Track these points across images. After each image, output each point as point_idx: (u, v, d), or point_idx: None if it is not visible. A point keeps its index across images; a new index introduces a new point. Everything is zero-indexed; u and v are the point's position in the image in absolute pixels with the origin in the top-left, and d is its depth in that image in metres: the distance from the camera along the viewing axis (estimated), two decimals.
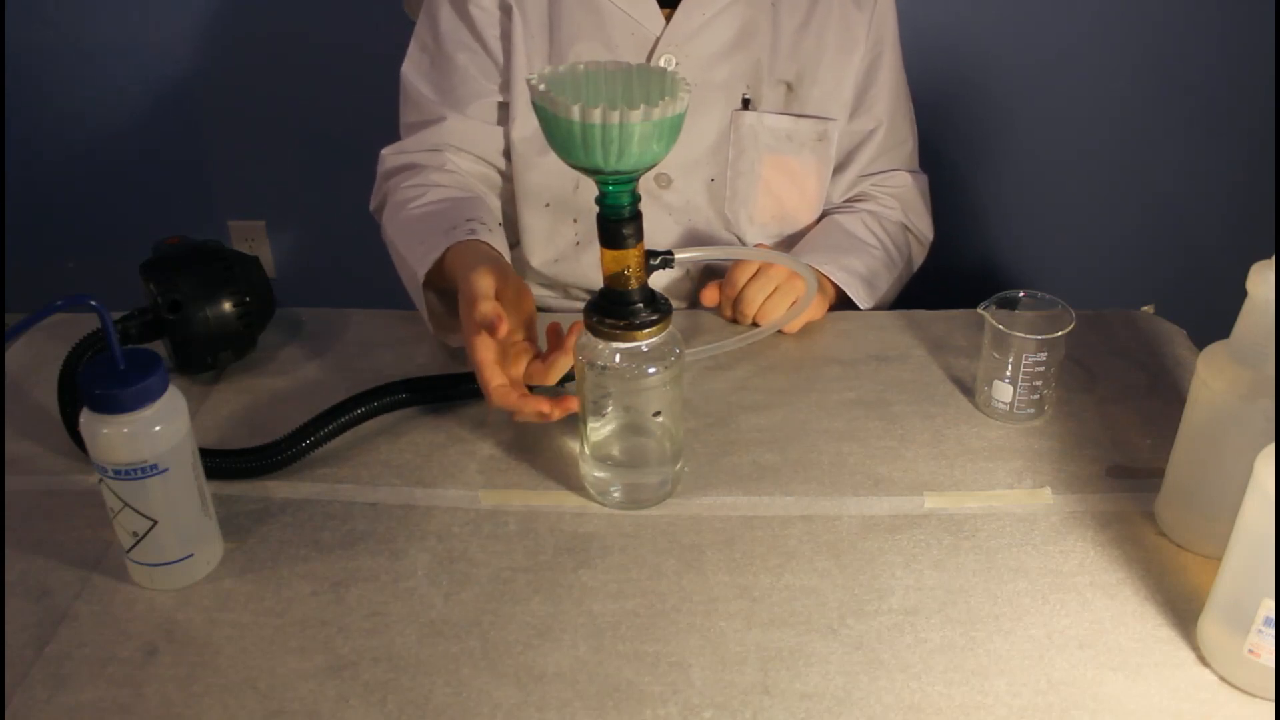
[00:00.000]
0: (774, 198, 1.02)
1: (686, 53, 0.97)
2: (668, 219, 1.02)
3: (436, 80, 1.02)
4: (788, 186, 1.02)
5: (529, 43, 0.98)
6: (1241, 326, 0.63)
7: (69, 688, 0.61)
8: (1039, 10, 1.76)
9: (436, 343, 0.92)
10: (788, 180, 1.02)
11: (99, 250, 2.14)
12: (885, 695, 0.60)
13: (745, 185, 1.01)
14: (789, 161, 1.01)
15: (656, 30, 0.97)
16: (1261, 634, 0.57)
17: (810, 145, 1.01)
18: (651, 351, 0.69)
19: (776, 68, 0.99)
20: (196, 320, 0.83)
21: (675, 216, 1.02)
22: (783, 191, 1.02)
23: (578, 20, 0.97)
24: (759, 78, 0.99)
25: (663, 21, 0.97)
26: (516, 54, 0.98)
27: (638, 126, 0.60)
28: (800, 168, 1.02)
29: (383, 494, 0.76)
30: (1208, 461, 0.66)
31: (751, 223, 1.03)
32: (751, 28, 0.97)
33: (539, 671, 0.62)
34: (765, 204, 1.02)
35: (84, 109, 2.01)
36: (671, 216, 1.02)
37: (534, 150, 1.00)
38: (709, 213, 1.02)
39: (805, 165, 1.02)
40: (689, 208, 1.02)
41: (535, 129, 0.98)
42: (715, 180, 1.01)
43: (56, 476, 0.78)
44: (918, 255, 1.10)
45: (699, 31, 0.97)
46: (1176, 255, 1.98)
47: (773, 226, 1.04)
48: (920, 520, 0.72)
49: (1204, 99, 1.83)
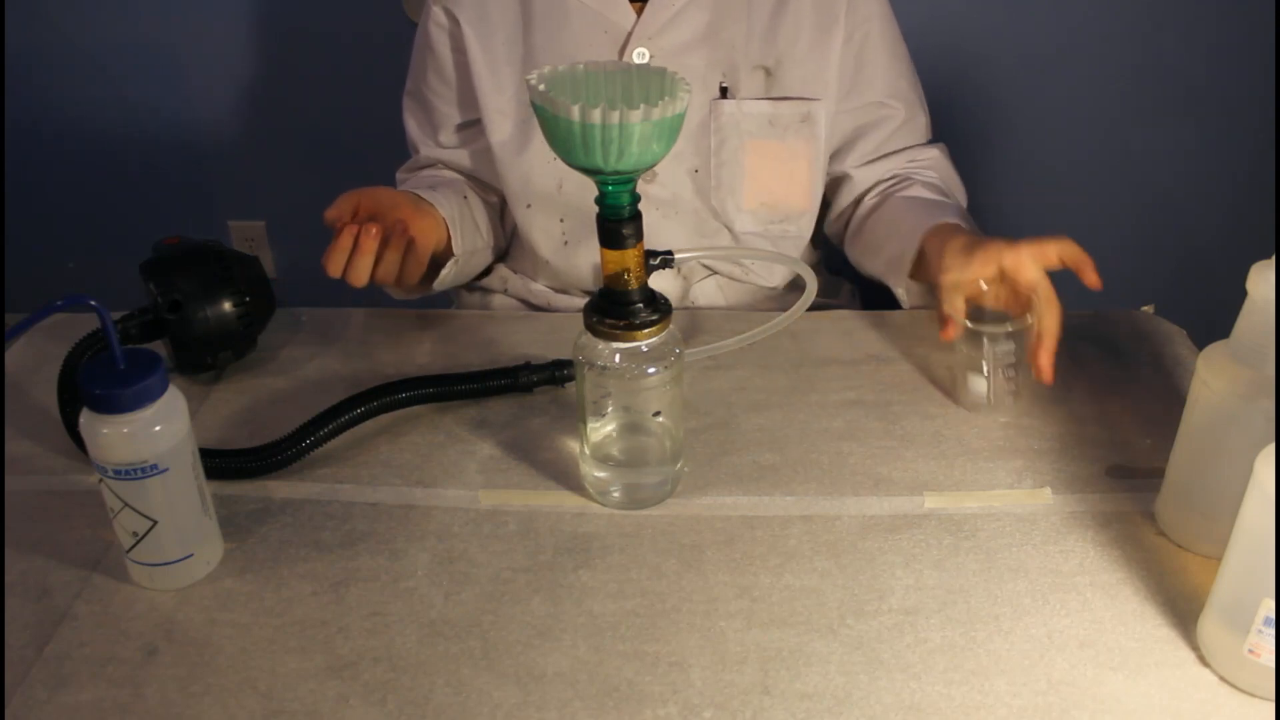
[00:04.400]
0: (761, 184, 1.02)
1: (659, 45, 0.97)
2: (654, 213, 1.02)
3: (415, 110, 1.08)
4: (775, 172, 1.02)
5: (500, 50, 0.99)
6: (1241, 326, 0.63)
7: (69, 688, 0.61)
8: (1039, 10, 1.76)
9: (436, 342, 0.92)
10: (774, 165, 1.01)
11: (99, 250, 2.14)
12: (885, 695, 0.60)
13: (730, 174, 1.01)
14: (773, 146, 1.01)
15: (628, 25, 0.97)
16: (1261, 634, 0.57)
17: (794, 128, 1.00)
18: (651, 351, 0.69)
19: (752, 54, 0.98)
20: (196, 320, 0.83)
21: (662, 210, 1.02)
22: (770, 177, 1.02)
23: (549, 23, 0.98)
24: (735, 65, 0.98)
25: (634, 16, 0.97)
26: (475, 64, 1.00)
27: (638, 126, 0.60)
28: (786, 152, 1.01)
29: (383, 494, 0.76)
30: (1208, 461, 0.66)
31: (740, 210, 1.03)
32: (723, 16, 0.97)
33: (539, 671, 0.62)
34: (753, 191, 1.02)
35: (84, 109, 2.01)
36: (659, 210, 1.02)
37: (510, 153, 1.01)
38: (696, 203, 1.02)
39: (792, 149, 1.01)
40: (675, 200, 1.02)
41: (510, 133, 1.00)
42: (699, 171, 1.01)
43: (56, 476, 0.78)
44: None
45: (671, 23, 0.97)
46: (1176, 255, 1.98)
47: (763, 213, 1.04)
48: (920, 520, 0.72)
49: (1204, 99, 1.83)
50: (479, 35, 0.99)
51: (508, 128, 1.00)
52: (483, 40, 0.99)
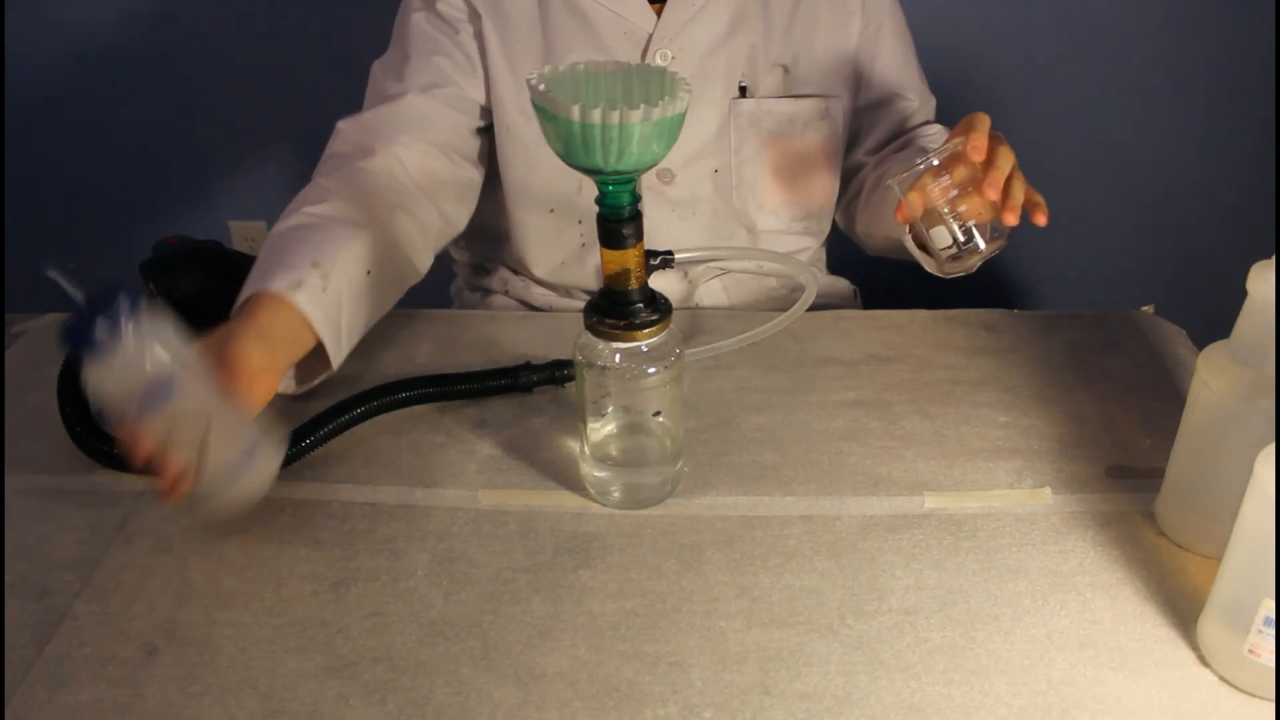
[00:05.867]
0: (782, 182, 1.02)
1: (680, 46, 0.97)
2: (670, 214, 1.02)
3: (403, 73, 0.97)
4: (796, 169, 1.02)
5: (518, 50, 0.97)
6: (1241, 326, 0.63)
7: (69, 688, 0.61)
8: (1039, 10, 1.76)
9: (436, 342, 0.92)
10: (795, 163, 1.01)
11: (99, 250, 2.14)
12: (885, 695, 0.60)
13: (751, 173, 1.01)
14: (793, 144, 1.01)
15: (649, 27, 0.97)
16: (1261, 634, 0.57)
17: (814, 125, 1.00)
18: (651, 351, 0.69)
19: (771, 52, 0.98)
20: (196, 320, 0.83)
21: (679, 212, 1.02)
22: (791, 175, 1.02)
23: (568, 27, 0.97)
24: (754, 64, 0.98)
25: (654, 18, 0.97)
26: (493, 58, 0.97)
27: (638, 126, 0.60)
28: (806, 149, 1.01)
29: (383, 494, 0.76)
30: (1208, 461, 0.66)
31: (762, 209, 1.03)
32: (743, 14, 0.97)
33: (539, 671, 0.62)
34: (774, 189, 1.02)
35: (84, 109, 2.01)
36: (676, 212, 1.02)
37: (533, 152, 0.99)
38: (716, 203, 1.02)
39: (810, 145, 1.01)
40: (693, 201, 1.02)
41: (537, 134, 0.98)
42: (720, 171, 1.01)
43: (56, 476, 0.78)
44: None
45: (691, 23, 0.97)
46: (1176, 255, 1.98)
47: (785, 211, 1.04)
48: (920, 520, 0.72)
49: (1204, 99, 1.83)
50: (498, 31, 0.97)
51: (534, 129, 0.99)
52: (502, 36, 0.97)
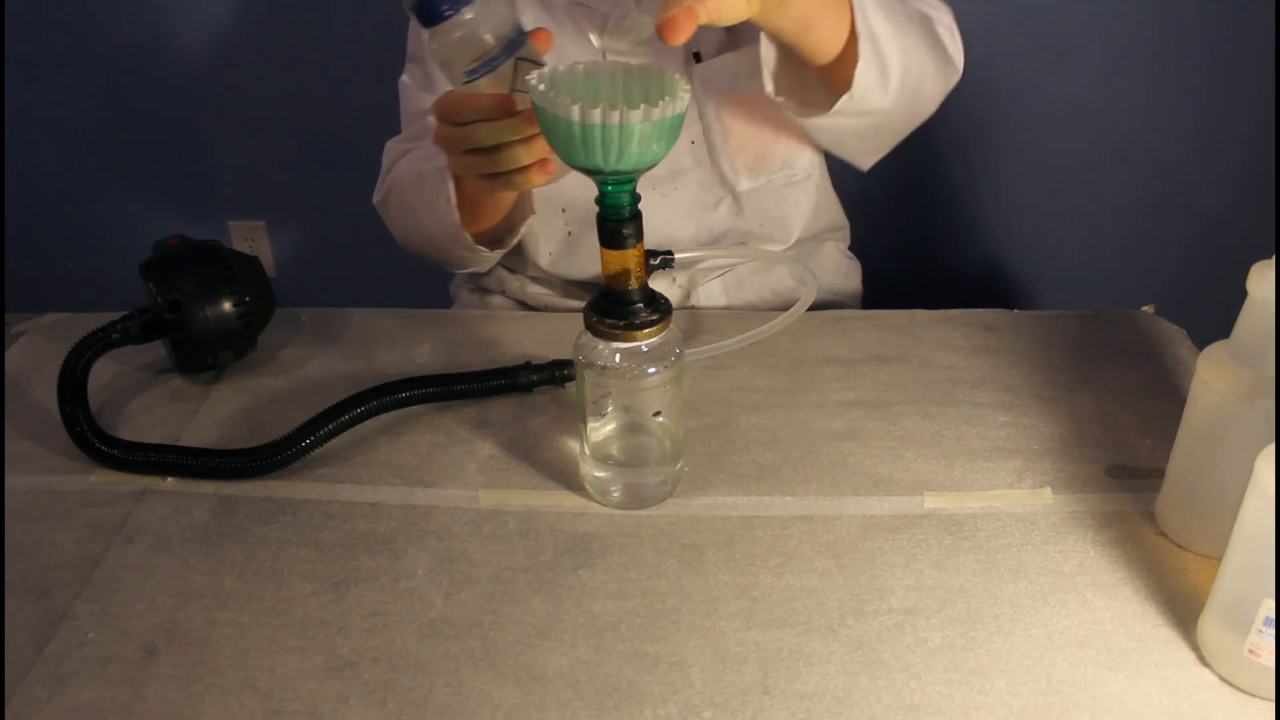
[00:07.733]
0: (750, 139, 1.01)
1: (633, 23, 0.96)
2: (652, 193, 1.00)
3: (434, 88, 1.03)
4: (759, 121, 1.01)
5: None
6: (1241, 326, 0.63)
7: (69, 688, 0.61)
8: (1039, 9, 1.76)
9: (436, 342, 0.92)
10: (756, 115, 1.01)
11: (99, 250, 2.14)
12: (885, 695, 0.60)
13: (718, 137, 1.01)
14: (747, 98, 1.00)
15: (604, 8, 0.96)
16: (1261, 634, 0.57)
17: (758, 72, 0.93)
18: (651, 351, 0.69)
19: None
20: (196, 320, 0.83)
21: (660, 189, 1.01)
22: (756, 130, 1.01)
23: (531, 14, 0.97)
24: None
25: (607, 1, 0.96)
26: None
27: (638, 126, 0.60)
28: (759, 99, 0.96)
29: (383, 494, 0.76)
30: (1208, 461, 0.66)
31: (739, 171, 1.02)
32: None
33: (539, 671, 0.62)
34: (745, 148, 1.01)
35: (84, 109, 2.01)
36: (657, 190, 1.01)
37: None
38: (699, 174, 1.02)
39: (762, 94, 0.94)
40: (674, 175, 1.01)
41: None
42: (695, 142, 1.01)
43: (56, 476, 0.78)
44: (943, 71, 0.96)
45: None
46: (1176, 255, 1.98)
47: (762, 168, 1.03)
48: (920, 520, 0.72)
49: (1204, 99, 1.83)
50: None
51: None
52: None
